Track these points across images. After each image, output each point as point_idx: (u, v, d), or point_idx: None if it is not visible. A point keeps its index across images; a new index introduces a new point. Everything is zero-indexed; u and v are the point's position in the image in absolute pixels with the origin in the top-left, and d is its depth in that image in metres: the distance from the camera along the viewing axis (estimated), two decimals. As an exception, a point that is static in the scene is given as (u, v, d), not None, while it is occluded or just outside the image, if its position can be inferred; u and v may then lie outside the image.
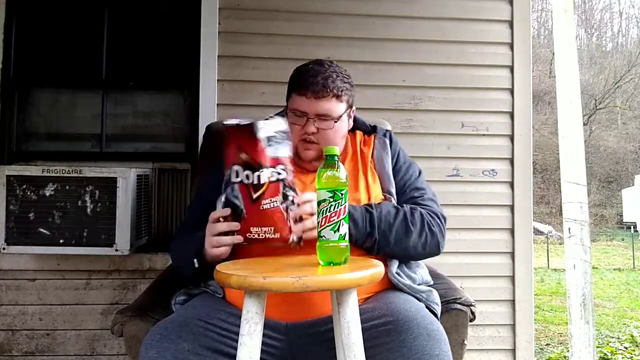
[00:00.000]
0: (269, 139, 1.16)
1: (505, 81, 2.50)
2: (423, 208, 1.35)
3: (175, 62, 2.44)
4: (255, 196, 1.14)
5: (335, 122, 1.34)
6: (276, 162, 1.15)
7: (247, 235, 1.14)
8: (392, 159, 1.45)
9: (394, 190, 1.38)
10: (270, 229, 1.13)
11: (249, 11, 2.41)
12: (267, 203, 1.13)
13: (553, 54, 12.22)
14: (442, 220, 1.36)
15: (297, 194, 1.15)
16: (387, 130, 1.53)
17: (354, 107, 1.44)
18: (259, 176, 1.13)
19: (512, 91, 2.50)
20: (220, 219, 1.17)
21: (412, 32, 2.48)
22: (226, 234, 1.17)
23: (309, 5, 2.44)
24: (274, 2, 2.42)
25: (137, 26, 2.46)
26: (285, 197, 1.13)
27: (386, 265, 1.29)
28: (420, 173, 1.48)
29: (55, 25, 2.43)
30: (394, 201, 1.36)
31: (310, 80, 1.32)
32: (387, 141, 1.47)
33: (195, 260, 1.24)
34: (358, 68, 2.44)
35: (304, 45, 2.40)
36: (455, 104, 2.48)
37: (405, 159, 1.49)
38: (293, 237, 1.12)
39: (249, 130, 1.15)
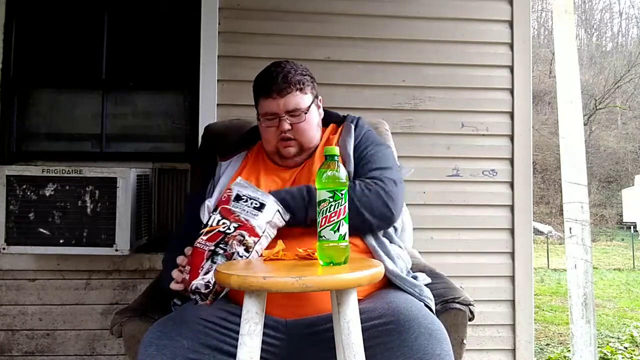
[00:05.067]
0: (238, 197, 1.18)
1: (505, 81, 2.50)
2: (375, 181, 1.34)
3: (175, 62, 2.45)
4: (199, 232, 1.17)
5: (306, 113, 1.41)
6: (235, 220, 1.15)
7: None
8: (355, 140, 1.45)
9: (352, 170, 1.38)
10: (188, 268, 1.15)
11: (249, 11, 2.41)
12: (200, 242, 1.14)
13: (553, 54, 12.23)
14: (389, 183, 1.33)
15: (231, 257, 1.11)
16: (356, 117, 1.54)
17: (320, 97, 1.50)
18: (214, 218, 1.17)
19: (512, 91, 2.50)
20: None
21: (412, 32, 2.48)
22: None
23: (309, 5, 2.43)
24: (274, 2, 2.42)
25: (136, 26, 2.46)
26: (215, 252, 1.11)
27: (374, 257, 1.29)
28: (387, 153, 1.46)
29: (55, 26, 2.43)
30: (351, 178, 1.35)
31: (271, 82, 1.39)
32: (352, 126, 1.50)
33: (175, 300, 1.28)
34: (358, 68, 2.45)
35: (304, 45, 2.40)
36: (455, 104, 2.48)
37: (370, 139, 1.47)
38: (192, 286, 1.08)
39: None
